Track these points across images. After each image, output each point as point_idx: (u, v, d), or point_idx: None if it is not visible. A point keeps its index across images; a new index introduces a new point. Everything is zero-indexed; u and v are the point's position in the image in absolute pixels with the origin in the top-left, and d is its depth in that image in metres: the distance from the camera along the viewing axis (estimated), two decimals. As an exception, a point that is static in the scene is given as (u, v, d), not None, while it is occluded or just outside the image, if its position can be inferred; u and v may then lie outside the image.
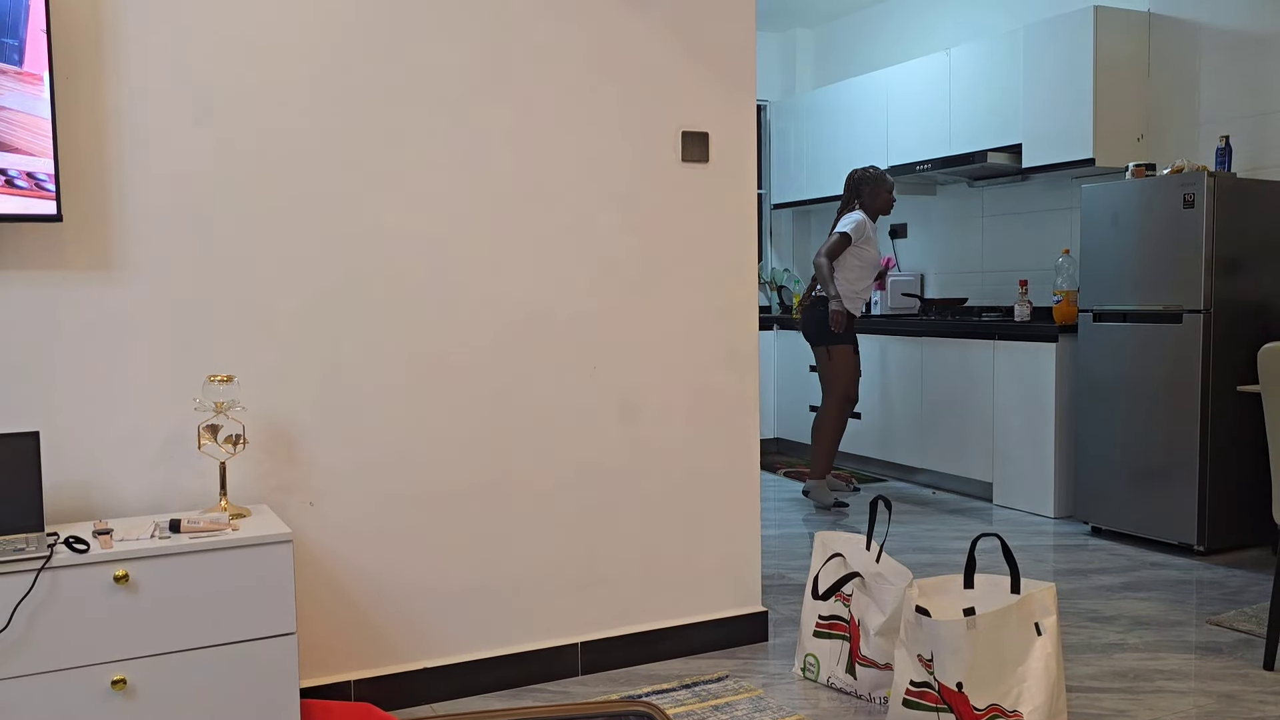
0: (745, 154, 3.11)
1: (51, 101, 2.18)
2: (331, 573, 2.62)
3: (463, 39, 2.70)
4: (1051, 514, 4.83)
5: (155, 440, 2.42)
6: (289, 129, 2.52)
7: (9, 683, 1.96)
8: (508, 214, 2.79)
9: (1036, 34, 5.05)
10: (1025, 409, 4.93)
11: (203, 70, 2.43)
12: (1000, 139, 5.32)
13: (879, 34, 6.73)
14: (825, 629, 2.85)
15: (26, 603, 1.97)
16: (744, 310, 3.14)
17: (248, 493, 2.52)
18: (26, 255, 2.28)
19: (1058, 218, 5.44)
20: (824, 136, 6.71)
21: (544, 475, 2.87)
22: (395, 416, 2.68)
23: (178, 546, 2.09)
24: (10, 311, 2.27)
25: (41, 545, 2.04)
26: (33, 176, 2.19)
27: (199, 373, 2.45)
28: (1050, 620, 2.39)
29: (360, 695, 2.64)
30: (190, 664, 2.11)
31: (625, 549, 2.99)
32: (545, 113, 2.82)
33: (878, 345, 5.90)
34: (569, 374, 2.89)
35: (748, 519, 3.17)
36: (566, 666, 2.90)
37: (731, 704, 2.70)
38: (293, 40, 2.51)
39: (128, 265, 2.38)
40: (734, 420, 3.13)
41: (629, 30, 2.91)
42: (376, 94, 2.61)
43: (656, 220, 2.99)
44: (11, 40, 2.16)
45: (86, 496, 2.36)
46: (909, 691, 2.43)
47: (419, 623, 2.73)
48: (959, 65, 5.58)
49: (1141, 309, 4.30)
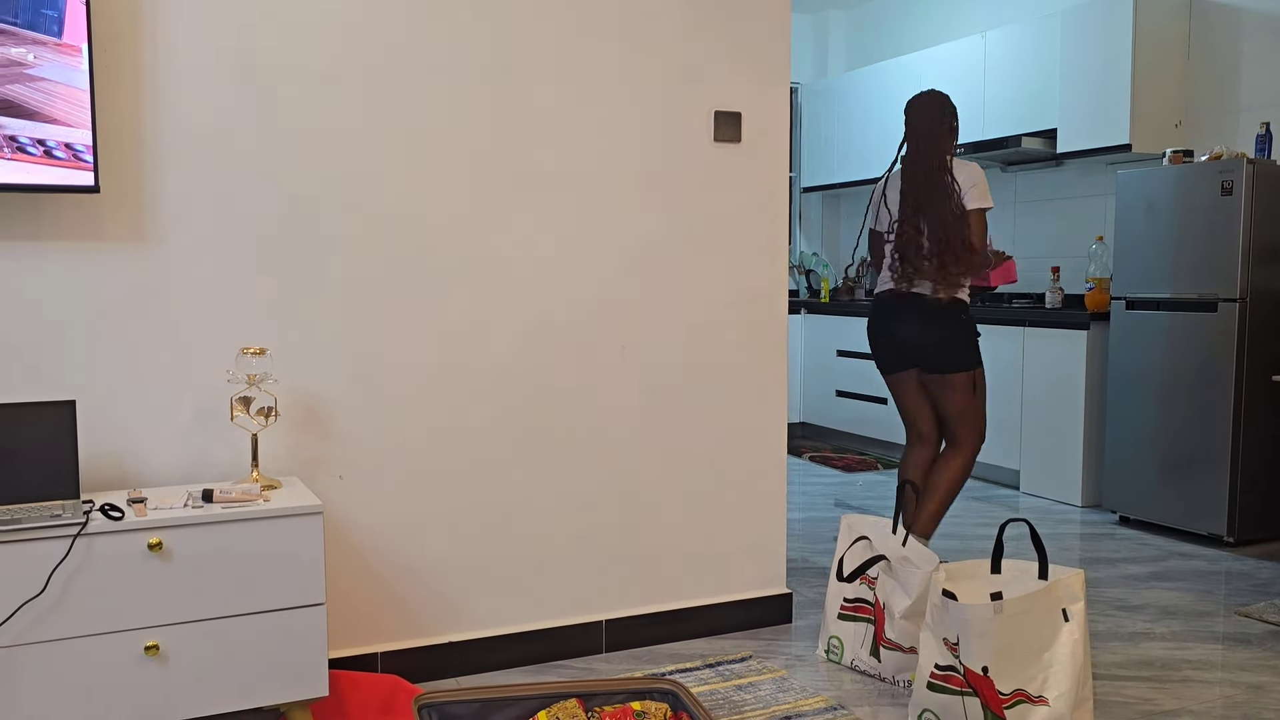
0: (778, 135, 3.09)
1: (90, 73, 2.20)
2: (359, 545, 2.64)
3: (494, 17, 2.70)
4: (1079, 502, 4.79)
5: (188, 411, 2.44)
6: (323, 105, 2.53)
7: (46, 646, 2.00)
8: (538, 192, 2.79)
9: (1074, 17, 4.98)
10: (1054, 396, 4.89)
11: (239, 43, 2.44)
12: (1035, 124, 5.26)
13: (912, 17, 6.66)
14: (850, 611, 2.85)
15: (63, 568, 2.00)
16: (773, 293, 3.12)
17: (279, 465, 2.54)
18: (64, 226, 2.31)
19: (1092, 204, 5.38)
20: (855, 120, 6.65)
21: (571, 454, 2.88)
22: (424, 393, 2.69)
23: (210, 516, 2.12)
24: (49, 281, 2.30)
25: (77, 512, 2.07)
26: (71, 148, 2.21)
27: (232, 345, 2.48)
28: (1078, 606, 2.37)
29: (386, 667, 2.67)
30: (221, 632, 2.14)
31: (651, 528, 3.00)
32: (577, 91, 2.81)
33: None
34: (598, 353, 2.89)
35: (774, 501, 3.17)
36: (591, 643, 2.92)
37: (755, 684, 2.70)
38: (326, 13, 2.52)
39: (163, 237, 2.40)
40: (762, 403, 3.13)
41: (664, 9, 2.90)
42: (408, 71, 2.62)
43: (687, 200, 2.98)
44: (51, 11, 2.18)
45: (121, 466, 2.39)
46: (933, 675, 2.43)
47: (444, 597, 2.75)
48: (994, 48, 5.52)
49: (1176, 297, 4.25)
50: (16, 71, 2.15)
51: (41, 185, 2.18)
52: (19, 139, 2.17)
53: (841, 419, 6.44)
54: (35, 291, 2.29)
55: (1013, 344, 5.13)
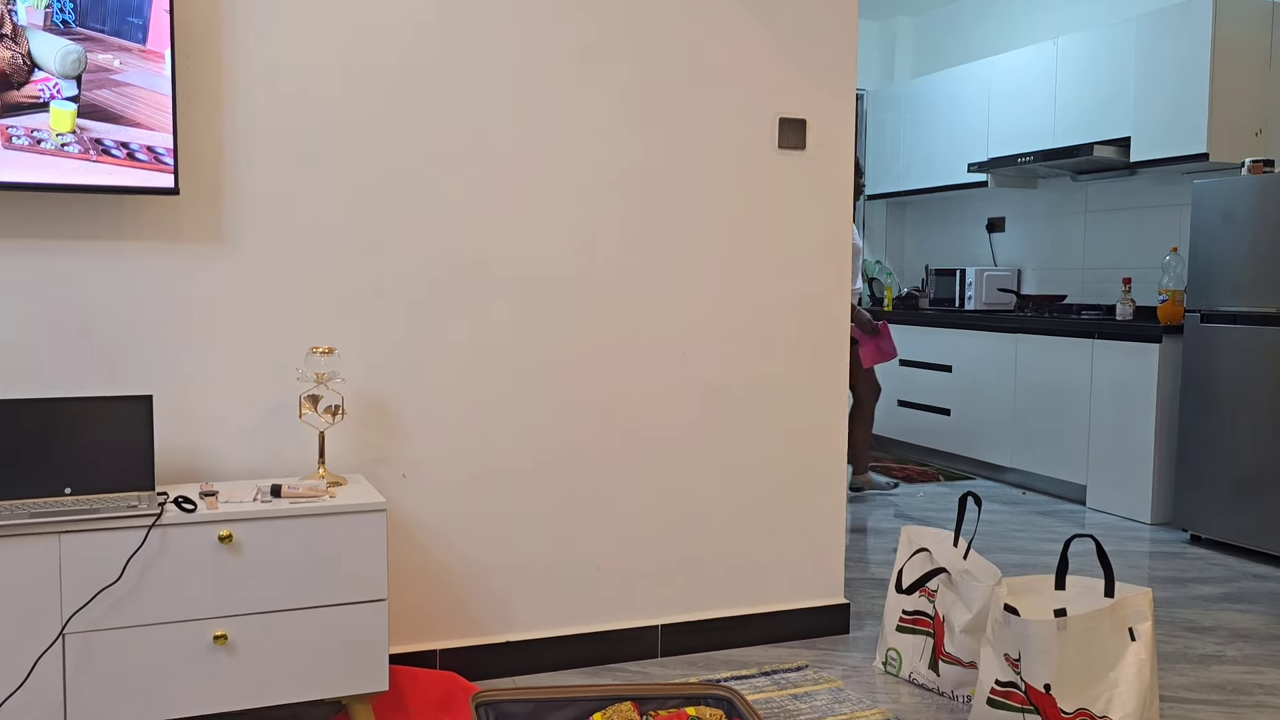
0: (843, 142, 3.07)
1: (172, 79, 2.27)
2: (419, 543, 2.68)
3: (561, 24, 2.73)
4: (1148, 520, 4.68)
5: (259, 408, 2.50)
6: (394, 113, 2.58)
7: (120, 632, 2.06)
8: (602, 198, 2.81)
9: (1151, 23, 4.88)
10: (1124, 410, 4.79)
11: (314, 52, 2.50)
12: (1107, 132, 5.16)
13: (982, 23, 6.57)
14: (909, 624, 2.82)
15: (138, 558, 2.06)
16: (835, 300, 3.11)
17: (344, 462, 2.59)
18: (144, 226, 2.38)
19: (1166, 214, 5.25)
20: (921, 127, 6.58)
21: (629, 457, 2.89)
22: (485, 395, 2.73)
23: (279, 510, 2.17)
24: (130, 280, 2.38)
25: (152, 504, 2.13)
26: (152, 150, 2.28)
27: (302, 344, 2.53)
28: (1145, 626, 2.32)
29: (444, 664, 2.70)
30: (286, 624, 2.19)
31: (708, 534, 3.00)
32: (642, 97, 2.83)
33: (967, 340, 5.79)
34: (657, 357, 2.90)
35: (833, 511, 3.15)
36: (646, 647, 2.92)
37: (811, 694, 2.69)
38: (397, 24, 2.57)
39: (238, 239, 2.47)
40: (820, 410, 3.11)
41: (730, 15, 2.90)
42: (475, 79, 2.65)
43: (750, 206, 2.98)
44: (136, 19, 2.25)
45: (194, 460, 2.46)
46: (994, 691, 2.39)
47: (502, 597, 2.78)
48: (1066, 55, 5.42)
49: (1254, 310, 4.13)
50: (103, 77, 2.23)
51: (124, 187, 2.26)
52: (104, 142, 2.24)
53: (903, 429, 6.37)
54: (115, 289, 2.37)
55: (1081, 356, 5.03)
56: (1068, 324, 5.09)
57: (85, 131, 2.22)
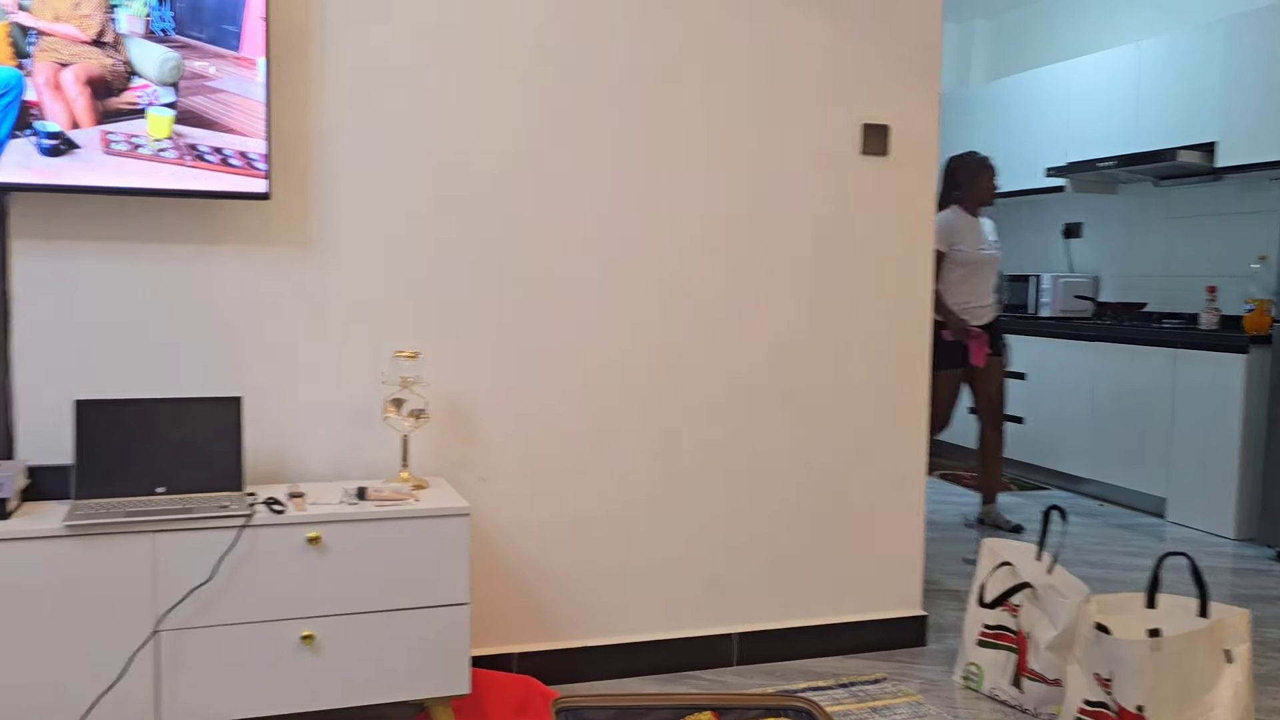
0: (927, 148, 3.03)
1: (266, 86, 2.31)
2: (498, 547, 2.70)
3: (647, 33, 2.72)
4: (1231, 535, 4.54)
5: (343, 411, 2.53)
6: (483, 117, 2.59)
7: (210, 630, 2.10)
8: (684, 204, 2.80)
9: (1239, 25, 4.74)
10: (1208, 422, 4.65)
11: (401, 61, 2.52)
12: (1192, 136, 5.02)
13: (1061, 26, 6.44)
14: (990, 639, 2.76)
15: (230, 557, 2.10)
16: (918, 309, 3.06)
17: (425, 465, 2.62)
18: (234, 230, 2.43)
19: (1253, 221, 5.10)
20: (999, 130, 6.47)
21: (708, 466, 2.88)
22: (565, 401, 2.73)
23: (365, 513, 2.19)
24: (222, 282, 2.42)
25: (243, 504, 2.17)
26: (245, 156, 2.32)
27: (386, 348, 2.56)
28: (1243, 648, 2.25)
29: (522, 668, 2.71)
30: (371, 625, 2.21)
31: (787, 542, 2.97)
32: (725, 103, 2.81)
33: (1042, 348, 5.67)
34: (738, 365, 2.89)
35: (912, 521, 3.10)
36: (722, 656, 2.90)
37: (890, 707, 2.65)
38: (486, 28, 2.58)
39: (326, 243, 2.50)
40: (902, 420, 3.07)
41: (812, 22, 2.87)
42: (562, 87, 2.66)
43: (832, 212, 2.95)
44: (232, 27, 2.30)
45: (280, 461, 2.49)
46: (1082, 710, 2.34)
47: (579, 601, 2.78)
48: (1149, 58, 5.29)
49: (1348, 322, 3.99)
50: (199, 84, 2.27)
51: (219, 192, 2.30)
52: (199, 147, 2.29)
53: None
54: (206, 292, 2.41)
55: (1163, 366, 4.90)
56: (1149, 332, 4.97)
57: (181, 137, 2.27)
